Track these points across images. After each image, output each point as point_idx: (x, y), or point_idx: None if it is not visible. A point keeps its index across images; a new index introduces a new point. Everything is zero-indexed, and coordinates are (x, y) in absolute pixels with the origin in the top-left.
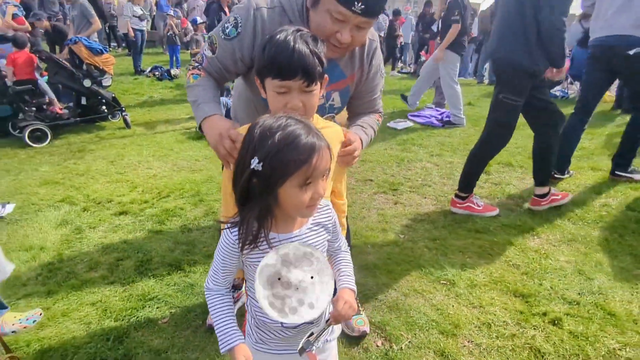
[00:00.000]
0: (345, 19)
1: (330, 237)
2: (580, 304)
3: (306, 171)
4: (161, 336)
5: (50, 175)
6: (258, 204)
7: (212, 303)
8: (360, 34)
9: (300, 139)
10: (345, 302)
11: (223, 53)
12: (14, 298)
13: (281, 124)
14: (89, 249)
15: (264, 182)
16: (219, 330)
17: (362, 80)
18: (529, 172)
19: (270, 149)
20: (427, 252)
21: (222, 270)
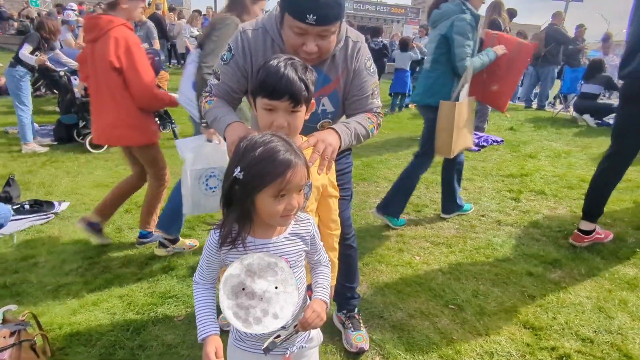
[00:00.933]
0: (304, 31)
1: (309, 249)
2: (595, 343)
3: (280, 183)
4: (175, 332)
5: (103, 178)
6: (237, 209)
7: (196, 295)
8: (325, 42)
9: (278, 155)
10: (314, 312)
11: (225, 77)
12: (55, 284)
13: (265, 140)
14: (125, 247)
15: (243, 189)
16: (198, 320)
17: (349, 81)
18: (563, 202)
19: (251, 160)
20: (441, 275)
21: (207, 267)
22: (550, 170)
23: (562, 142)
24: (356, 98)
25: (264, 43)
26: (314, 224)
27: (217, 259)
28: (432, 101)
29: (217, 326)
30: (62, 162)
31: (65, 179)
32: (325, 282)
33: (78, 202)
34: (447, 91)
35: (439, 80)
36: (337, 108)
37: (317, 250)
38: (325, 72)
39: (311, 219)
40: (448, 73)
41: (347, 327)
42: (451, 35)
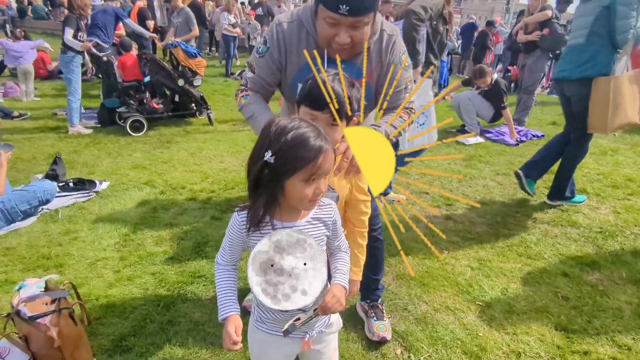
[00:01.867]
0: (337, 22)
1: (330, 235)
2: (632, 350)
3: (312, 168)
4: (202, 310)
5: (140, 160)
6: (266, 192)
7: (218, 276)
8: (357, 33)
9: (310, 140)
10: (334, 296)
11: (260, 69)
12: (94, 258)
13: (295, 125)
14: (159, 227)
15: (273, 173)
16: (219, 300)
17: (382, 74)
18: (606, 202)
19: (283, 145)
20: (469, 271)
21: (229, 249)
22: (594, 167)
23: (610, 138)
24: (392, 92)
25: (299, 35)
26: (336, 209)
27: (240, 241)
28: (591, 73)
29: (237, 307)
30: (104, 144)
31: (107, 160)
32: (345, 268)
33: (117, 182)
34: (606, 65)
35: (598, 54)
36: (369, 101)
37: (337, 236)
38: (358, 66)
39: (333, 204)
40: (607, 46)
41: (370, 317)
42: (615, 7)
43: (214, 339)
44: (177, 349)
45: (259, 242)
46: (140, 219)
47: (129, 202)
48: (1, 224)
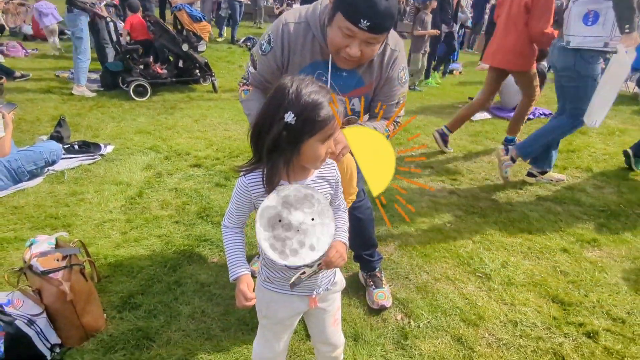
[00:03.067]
0: (353, 34)
1: (333, 193)
2: (626, 323)
3: (329, 129)
4: (208, 272)
5: (144, 125)
6: (284, 153)
7: (226, 239)
8: (369, 49)
9: (325, 102)
10: (337, 252)
11: (262, 67)
12: (101, 220)
13: (308, 86)
14: (164, 191)
15: (293, 134)
16: (229, 262)
17: (379, 87)
18: (611, 181)
19: (304, 106)
20: (471, 244)
21: (236, 212)
22: (600, 147)
23: (618, 119)
24: (384, 104)
25: (305, 38)
26: (337, 169)
27: (247, 203)
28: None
29: (248, 267)
30: (108, 108)
31: (111, 124)
32: (344, 226)
33: (122, 146)
34: None
35: None
36: (365, 109)
37: (338, 196)
38: (360, 75)
39: (334, 164)
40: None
41: (369, 285)
42: None
43: (219, 300)
44: (184, 308)
45: (266, 198)
46: (145, 183)
47: (134, 166)
48: (8, 183)
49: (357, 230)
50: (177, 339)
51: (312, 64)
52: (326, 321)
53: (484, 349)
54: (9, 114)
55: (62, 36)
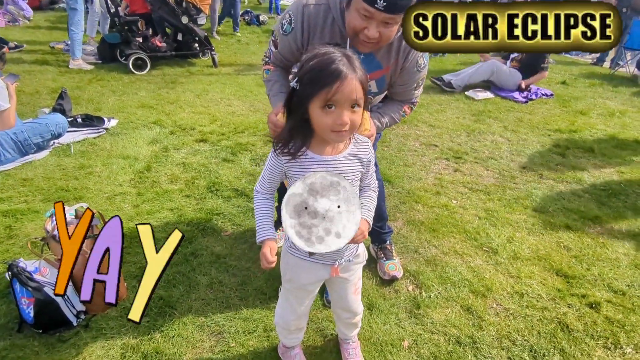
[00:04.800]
0: (371, 15)
1: (364, 171)
2: (626, 295)
3: (327, 93)
4: (222, 245)
5: (146, 100)
6: (294, 118)
7: (256, 203)
8: (387, 30)
9: (330, 65)
10: (359, 230)
11: (283, 47)
12: (112, 193)
13: (324, 51)
14: (172, 166)
15: (297, 99)
16: (258, 225)
17: (397, 72)
18: (612, 162)
19: (305, 70)
20: (477, 220)
21: (268, 178)
22: (601, 128)
23: (618, 101)
24: (400, 89)
25: (325, 20)
26: (372, 148)
27: (279, 170)
28: None
29: (274, 232)
30: (107, 81)
31: (112, 98)
32: (371, 205)
33: (126, 120)
34: None
35: None
36: (381, 89)
37: (369, 175)
38: (378, 59)
39: (369, 143)
40: None
41: (380, 257)
42: None
43: (236, 271)
44: (202, 278)
45: (292, 185)
46: (152, 157)
47: (140, 141)
48: (15, 155)
49: None
50: (197, 307)
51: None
52: (348, 290)
53: (492, 318)
54: (12, 85)
55: (54, 5)
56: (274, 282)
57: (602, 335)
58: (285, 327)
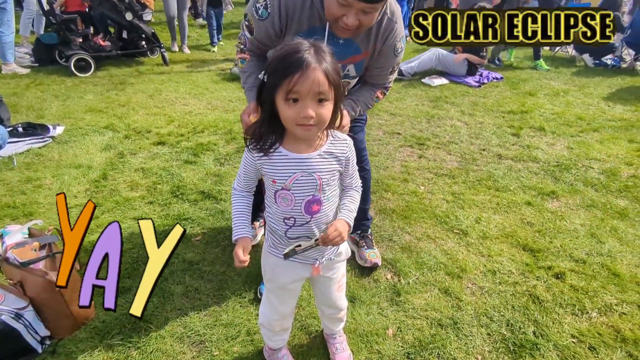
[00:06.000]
0: (349, 4)
1: (342, 171)
2: (587, 263)
3: (288, 84)
4: (194, 251)
5: (95, 103)
6: (265, 111)
7: (234, 201)
8: (367, 17)
9: (293, 55)
10: (336, 230)
11: (259, 33)
12: None
13: (292, 42)
14: (130, 172)
15: (265, 92)
16: (234, 223)
17: (375, 55)
18: (561, 138)
19: (271, 61)
20: (445, 204)
21: (243, 175)
22: (549, 108)
23: (561, 81)
24: (376, 72)
25: (303, 4)
26: (352, 147)
27: (252, 166)
28: None
29: (249, 230)
30: (48, 85)
31: (55, 103)
32: (352, 206)
33: (73, 126)
34: None
35: None
36: (359, 73)
37: (350, 175)
38: (357, 44)
39: (349, 141)
40: None
41: (361, 246)
42: None
43: (211, 277)
44: (176, 287)
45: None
46: (108, 164)
47: (92, 147)
48: None
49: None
50: (174, 318)
51: (310, 29)
52: (331, 287)
53: (469, 298)
54: None
55: None
56: (253, 284)
57: (570, 303)
58: (270, 329)
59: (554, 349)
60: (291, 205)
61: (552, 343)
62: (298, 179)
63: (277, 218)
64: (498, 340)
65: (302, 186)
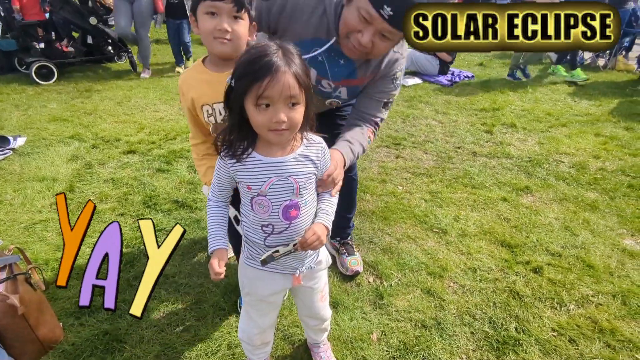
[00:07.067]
0: (371, 20)
1: (318, 173)
2: (562, 256)
3: (257, 89)
4: (170, 263)
5: (59, 112)
6: (232, 117)
7: (209, 212)
8: (381, 44)
9: (262, 58)
10: (314, 234)
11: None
12: (30, 221)
13: (261, 44)
14: (99, 183)
15: (233, 97)
16: (209, 235)
17: (372, 82)
18: (532, 134)
19: (238, 66)
20: (423, 203)
21: (217, 184)
22: (519, 104)
23: (529, 78)
24: (369, 100)
25: (314, 9)
26: (326, 150)
27: (226, 174)
28: None
29: (225, 241)
30: (7, 95)
31: (15, 113)
32: (330, 209)
33: (36, 137)
34: None
35: None
36: (351, 98)
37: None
38: (356, 67)
39: (323, 144)
40: None
41: (342, 253)
42: None
43: (188, 289)
44: (151, 302)
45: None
46: (75, 176)
47: (57, 159)
48: None
49: (348, 192)
50: (150, 336)
51: (314, 40)
52: (314, 298)
53: (451, 297)
54: None
55: None
56: (232, 296)
57: (548, 297)
58: (250, 343)
59: (536, 343)
60: (268, 212)
61: (533, 338)
62: (274, 183)
63: (254, 227)
64: (481, 339)
65: (278, 191)
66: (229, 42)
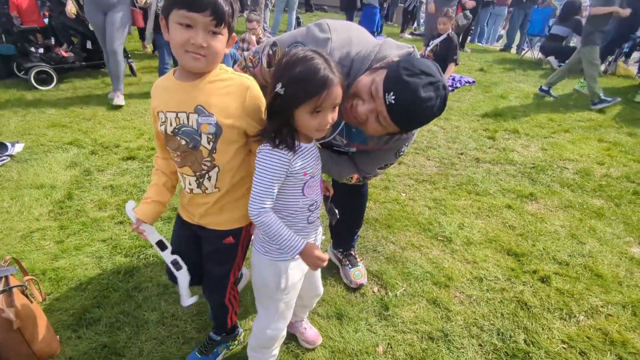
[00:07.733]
0: (376, 97)
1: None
2: (570, 265)
3: (316, 101)
4: None
5: (58, 118)
6: (278, 120)
7: (273, 220)
8: (374, 124)
9: (317, 74)
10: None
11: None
12: (27, 230)
13: (306, 56)
14: (98, 190)
15: (283, 104)
16: (285, 239)
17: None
18: (535, 140)
19: (291, 78)
20: (427, 210)
21: (274, 187)
22: (521, 110)
23: (530, 83)
24: (367, 158)
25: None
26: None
27: (285, 170)
28: None
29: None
30: (6, 100)
31: (14, 119)
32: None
33: (34, 143)
34: None
35: None
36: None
37: None
38: (366, 137)
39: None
40: None
41: (345, 265)
42: None
43: None
44: (151, 314)
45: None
46: (73, 183)
47: (55, 165)
48: None
49: (359, 208)
50: (150, 349)
51: None
52: (316, 272)
53: (458, 307)
54: None
55: None
56: None
57: (557, 307)
58: (274, 345)
59: (546, 356)
60: (315, 190)
61: (543, 350)
62: (317, 164)
63: (302, 211)
64: (490, 351)
65: (318, 170)
66: (203, 58)
